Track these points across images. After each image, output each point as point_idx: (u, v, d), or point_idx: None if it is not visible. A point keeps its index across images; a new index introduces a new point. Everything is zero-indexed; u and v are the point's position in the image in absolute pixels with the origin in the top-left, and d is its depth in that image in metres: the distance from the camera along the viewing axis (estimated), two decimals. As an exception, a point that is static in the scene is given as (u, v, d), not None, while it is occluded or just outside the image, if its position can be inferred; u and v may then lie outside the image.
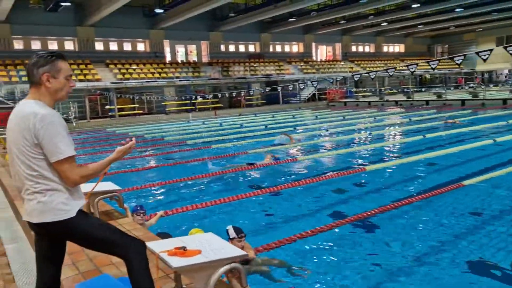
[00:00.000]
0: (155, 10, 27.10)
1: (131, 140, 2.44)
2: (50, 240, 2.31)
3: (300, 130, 16.52)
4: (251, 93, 29.42)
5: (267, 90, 27.05)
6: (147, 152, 13.04)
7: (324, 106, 31.77)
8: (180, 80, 30.40)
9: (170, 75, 30.57)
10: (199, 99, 29.24)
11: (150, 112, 29.01)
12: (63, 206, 2.19)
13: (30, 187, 2.19)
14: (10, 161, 2.30)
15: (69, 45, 30.30)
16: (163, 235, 4.17)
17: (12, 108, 21.06)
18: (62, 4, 23.87)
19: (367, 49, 46.97)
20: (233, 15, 30.15)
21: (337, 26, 38.52)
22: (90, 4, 26.96)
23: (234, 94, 29.84)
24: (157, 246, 2.70)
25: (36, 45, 29.10)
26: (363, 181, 8.07)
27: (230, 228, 4.07)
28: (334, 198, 7.15)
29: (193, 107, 28.87)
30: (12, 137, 2.22)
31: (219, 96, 28.80)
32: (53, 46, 29.69)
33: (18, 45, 28.38)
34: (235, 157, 10.98)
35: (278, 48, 40.67)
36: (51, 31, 28.68)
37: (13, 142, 2.22)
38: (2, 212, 5.78)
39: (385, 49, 48.21)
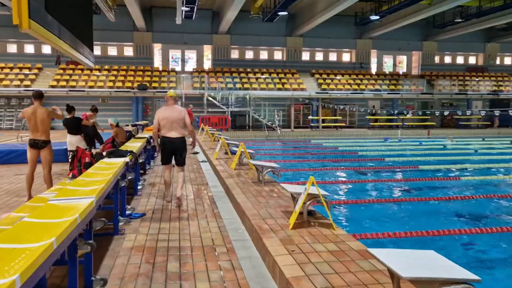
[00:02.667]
0: (370, 17, 25.04)
1: None
2: None
3: None
4: (469, 113, 25.00)
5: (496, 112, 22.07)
6: (373, 176, 10.89)
7: None
8: (388, 93, 27.62)
9: (377, 87, 28.07)
10: (409, 115, 25.91)
11: (352, 126, 27.13)
12: None
13: None
14: None
15: (277, 55, 31.00)
16: None
17: (224, 112, 21.06)
18: (279, 14, 24.05)
19: None
20: (459, 20, 25.68)
21: None
22: (303, 14, 26.74)
23: (446, 113, 25.82)
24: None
25: (249, 55, 30.66)
26: None
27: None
28: None
29: (401, 123, 25.71)
30: None
31: (428, 113, 25.21)
32: (263, 56, 30.82)
33: (234, 54, 30.32)
34: None
35: (507, 61, 33.77)
36: (263, 41, 29.76)
37: None
38: (242, 248, 4.28)
39: None
